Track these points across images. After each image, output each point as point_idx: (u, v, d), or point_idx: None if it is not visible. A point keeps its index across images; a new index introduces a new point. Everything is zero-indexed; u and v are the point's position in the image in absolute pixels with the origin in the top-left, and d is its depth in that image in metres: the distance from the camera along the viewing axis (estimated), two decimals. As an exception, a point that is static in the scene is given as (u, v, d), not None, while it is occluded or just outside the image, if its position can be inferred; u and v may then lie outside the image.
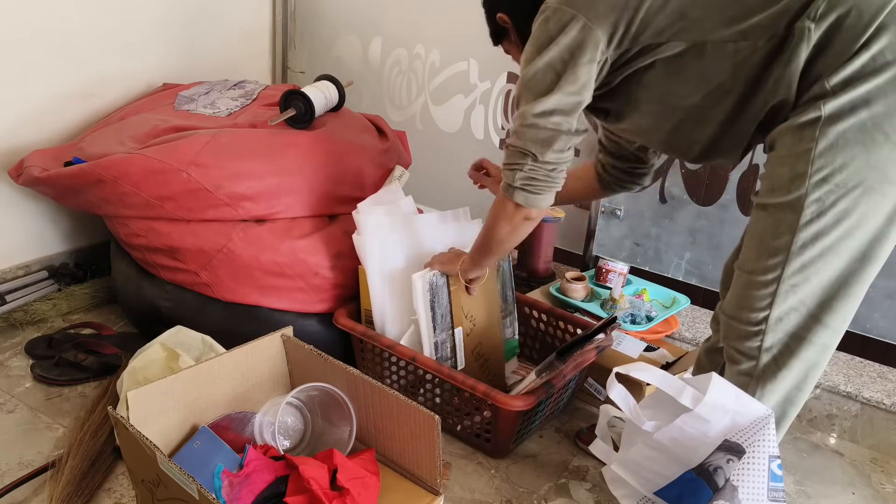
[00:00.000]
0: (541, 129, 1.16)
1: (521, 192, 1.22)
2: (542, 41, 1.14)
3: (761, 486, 1.07)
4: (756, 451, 1.08)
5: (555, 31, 1.13)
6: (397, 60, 2.38)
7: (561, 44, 1.12)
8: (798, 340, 1.13)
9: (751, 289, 1.13)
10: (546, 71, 1.14)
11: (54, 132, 1.94)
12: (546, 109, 1.15)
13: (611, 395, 1.18)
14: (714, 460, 1.13)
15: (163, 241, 1.63)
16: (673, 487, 1.18)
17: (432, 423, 1.06)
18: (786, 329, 1.13)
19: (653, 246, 2.09)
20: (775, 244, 1.09)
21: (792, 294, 1.10)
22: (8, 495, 1.28)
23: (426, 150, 2.33)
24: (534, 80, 1.16)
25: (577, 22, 1.11)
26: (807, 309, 1.11)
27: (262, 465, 1.11)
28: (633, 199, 2.08)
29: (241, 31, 2.42)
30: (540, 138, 1.17)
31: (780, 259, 1.09)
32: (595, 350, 1.50)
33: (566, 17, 1.12)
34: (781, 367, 1.15)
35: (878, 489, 1.57)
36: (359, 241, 1.57)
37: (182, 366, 1.47)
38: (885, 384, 1.72)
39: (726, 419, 1.12)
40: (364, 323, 1.63)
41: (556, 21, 1.13)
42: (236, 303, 1.63)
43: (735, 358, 1.19)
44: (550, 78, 1.14)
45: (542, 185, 1.21)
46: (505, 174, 1.24)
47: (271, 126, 1.74)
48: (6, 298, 1.85)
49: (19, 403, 1.56)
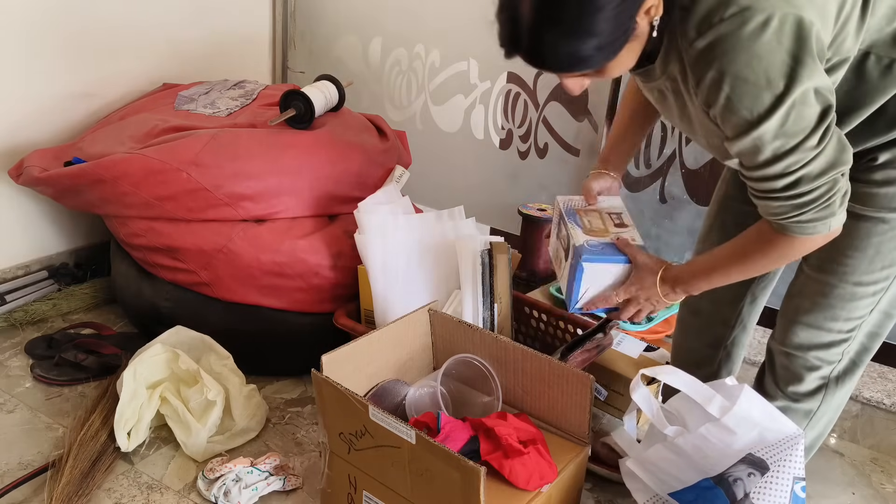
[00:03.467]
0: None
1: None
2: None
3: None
4: (781, 470, 1.07)
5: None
6: (397, 60, 2.38)
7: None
8: (873, 338, 1.18)
9: (855, 300, 1.12)
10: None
11: (54, 132, 1.94)
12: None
13: (634, 397, 1.17)
14: (735, 472, 1.11)
15: (163, 241, 1.63)
16: (688, 492, 1.16)
17: (586, 381, 1.19)
18: (867, 330, 1.16)
19: (653, 246, 2.09)
20: (893, 255, 1.08)
21: (886, 299, 1.13)
22: (8, 495, 1.28)
23: (426, 150, 2.33)
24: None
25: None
26: (886, 308, 1.15)
27: (456, 426, 1.16)
28: (633, 199, 2.07)
29: (241, 31, 2.42)
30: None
31: (895, 269, 1.10)
32: (595, 350, 1.50)
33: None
34: (859, 365, 1.20)
35: (878, 489, 1.57)
36: (360, 241, 1.57)
37: (182, 366, 1.47)
38: (885, 384, 1.72)
39: (753, 433, 1.11)
40: (364, 323, 1.63)
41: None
42: (236, 303, 1.63)
43: (814, 365, 1.19)
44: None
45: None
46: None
47: (271, 126, 1.74)
48: (6, 298, 1.85)
49: (19, 403, 1.55)
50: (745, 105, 0.89)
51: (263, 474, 1.37)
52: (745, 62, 0.86)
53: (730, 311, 1.38)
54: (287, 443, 1.52)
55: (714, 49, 0.87)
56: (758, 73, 0.86)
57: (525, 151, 2.20)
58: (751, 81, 0.87)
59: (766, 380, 1.26)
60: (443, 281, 1.57)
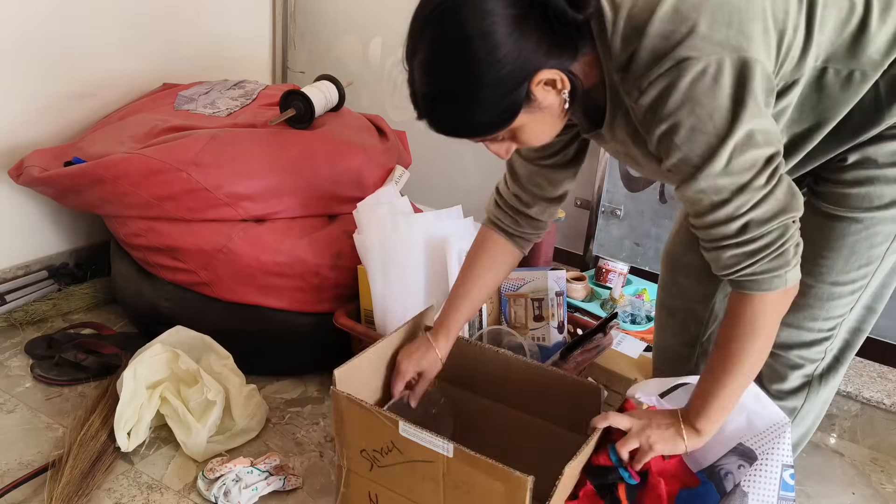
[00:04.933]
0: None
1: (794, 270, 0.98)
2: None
3: (772, 494, 1.07)
4: (769, 458, 1.08)
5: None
6: (397, 60, 2.38)
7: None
8: (856, 333, 1.18)
9: (833, 299, 1.13)
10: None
11: (54, 132, 1.94)
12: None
13: (634, 393, 1.17)
14: (725, 464, 1.12)
15: (163, 241, 1.63)
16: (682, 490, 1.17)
17: (596, 391, 1.18)
18: (849, 326, 1.17)
19: (653, 246, 2.09)
20: (870, 254, 1.09)
21: (866, 295, 1.13)
22: (8, 495, 1.28)
23: (426, 150, 2.33)
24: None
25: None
26: (867, 303, 1.15)
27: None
28: (633, 199, 2.08)
29: (241, 31, 2.42)
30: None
31: (872, 267, 1.10)
32: (595, 350, 1.50)
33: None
34: (842, 362, 1.20)
35: (878, 489, 1.57)
36: (360, 241, 1.57)
37: (182, 366, 1.47)
38: (884, 384, 1.72)
39: (742, 417, 1.11)
40: (364, 323, 1.63)
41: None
42: (236, 303, 1.63)
43: (797, 364, 1.20)
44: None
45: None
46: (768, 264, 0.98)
47: (271, 126, 1.75)
48: (6, 298, 1.85)
49: (19, 403, 1.56)
50: (694, 151, 0.90)
51: (263, 474, 1.37)
52: (689, 112, 0.87)
53: (702, 308, 1.38)
54: (287, 443, 1.52)
55: (657, 105, 0.89)
56: (703, 120, 0.87)
57: (525, 151, 2.20)
58: (697, 129, 0.88)
59: None
60: (442, 280, 1.57)
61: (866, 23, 0.95)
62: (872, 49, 0.96)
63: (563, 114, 0.96)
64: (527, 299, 1.54)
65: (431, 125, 0.95)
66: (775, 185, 0.91)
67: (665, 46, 0.86)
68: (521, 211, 1.22)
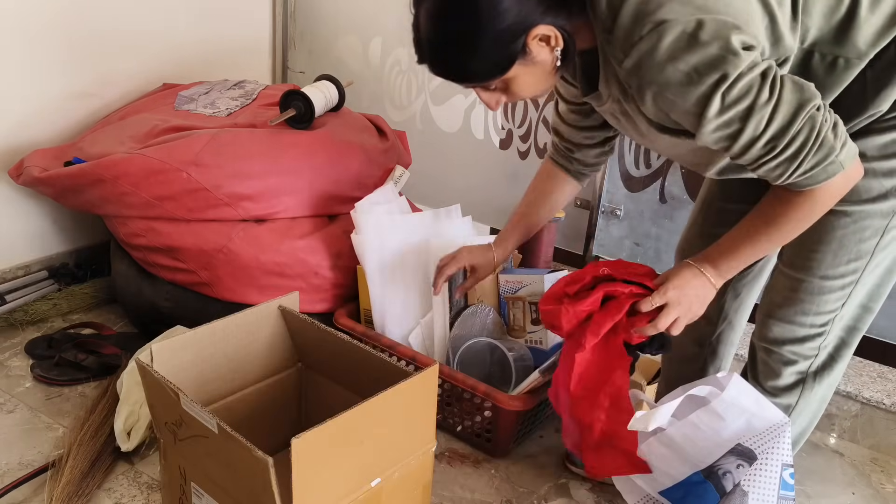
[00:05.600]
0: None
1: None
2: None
3: (772, 493, 1.07)
4: (769, 458, 1.08)
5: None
6: (397, 60, 2.38)
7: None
8: (852, 332, 1.18)
9: (823, 293, 1.13)
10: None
11: (54, 132, 1.94)
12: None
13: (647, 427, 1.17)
14: (724, 464, 1.12)
15: (163, 240, 1.63)
16: (678, 489, 1.17)
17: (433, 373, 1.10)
18: (843, 324, 1.17)
19: (653, 246, 2.09)
20: (859, 248, 1.09)
21: (860, 291, 1.13)
22: (8, 495, 1.28)
23: (426, 150, 2.33)
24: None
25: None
26: (863, 301, 1.16)
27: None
28: (633, 199, 2.08)
29: (241, 31, 2.42)
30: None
31: (862, 262, 1.10)
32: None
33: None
34: (838, 360, 1.20)
35: (878, 489, 1.57)
36: (357, 241, 1.57)
37: (182, 366, 1.47)
38: (884, 384, 1.72)
39: (741, 419, 1.12)
40: (364, 323, 1.63)
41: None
42: (236, 302, 1.63)
43: (790, 360, 1.20)
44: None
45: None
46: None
47: (271, 126, 1.75)
48: (6, 298, 1.85)
49: (19, 403, 1.56)
50: (689, 102, 0.93)
51: (263, 474, 1.37)
52: (673, 70, 0.91)
53: (712, 306, 1.38)
54: (287, 443, 1.52)
55: (642, 67, 0.92)
56: (689, 75, 0.91)
57: (525, 151, 2.20)
58: (685, 83, 0.91)
59: (747, 375, 1.28)
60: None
61: (855, 12, 0.97)
62: (859, 38, 0.97)
63: (554, 70, 1.00)
64: (524, 302, 1.54)
65: (431, 68, 1.01)
66: (780, 91, 0.93)
67: (645, 10, 0.89)
68: (572, 156, 1.35)
